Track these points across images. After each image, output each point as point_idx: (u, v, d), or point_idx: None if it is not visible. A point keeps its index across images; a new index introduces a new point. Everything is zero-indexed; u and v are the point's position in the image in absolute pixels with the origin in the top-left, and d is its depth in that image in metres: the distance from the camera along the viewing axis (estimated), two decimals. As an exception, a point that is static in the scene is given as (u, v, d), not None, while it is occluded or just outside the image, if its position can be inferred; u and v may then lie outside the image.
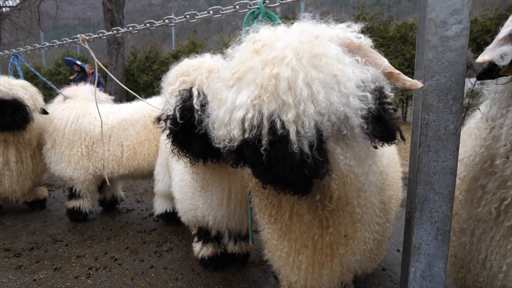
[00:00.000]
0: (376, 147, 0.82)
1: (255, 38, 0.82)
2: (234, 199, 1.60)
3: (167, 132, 1.28)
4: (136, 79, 11.62)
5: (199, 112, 1.15)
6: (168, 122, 1.24)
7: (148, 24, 1.68)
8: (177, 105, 1.20)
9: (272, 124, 0.71)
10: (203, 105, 1.15)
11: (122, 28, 1.79)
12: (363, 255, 1.09)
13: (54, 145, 2.35)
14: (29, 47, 2.20)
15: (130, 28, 1.73)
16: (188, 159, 1.40)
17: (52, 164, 2.38)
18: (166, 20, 1.60)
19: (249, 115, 0.72)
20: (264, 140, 0.71)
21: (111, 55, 10.96)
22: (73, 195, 2.55)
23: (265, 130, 0.71)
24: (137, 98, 2.14)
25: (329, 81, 0.71)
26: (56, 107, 2.50)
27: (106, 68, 11.11)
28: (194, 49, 10.81)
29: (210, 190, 1.58)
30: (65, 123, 2.36)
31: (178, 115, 1.18)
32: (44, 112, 2.39)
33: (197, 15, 1.49)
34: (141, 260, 2.08)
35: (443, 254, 0.92)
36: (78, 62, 8.98)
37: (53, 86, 2.67)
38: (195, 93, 1.20)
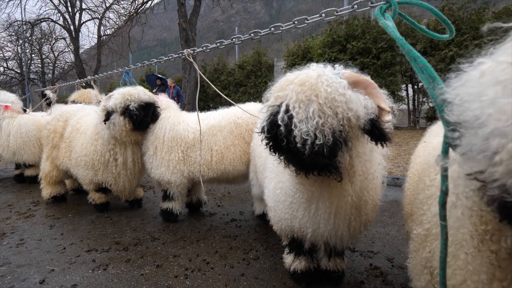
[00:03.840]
0: None
1: None
2: (343, 215, 1.45)
3: (264, 143, 1.28)
4: (205, 89, 12.53)
5: (281, 128, 1.15)
6: (262, 134, 1.27)
7: (260, 31, 1.70)
8: (266, 120, 1.23)
9: None
10: (290, 121, 1.14)
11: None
12: None
13: (156, 151, 2.59)
14: (139, 64, 2.50)
15: (235, 39, 1.78)
16: (293, 169, 1.32)
17: (153, 169, 2.63)
18: (272, 28, 1.58)
19: None
20: None
21: (185, 69, 12.05)
22: (166, 197, 2.76)
23: None
24: (233, 104, 2.21)
25: None
26: None
27: (181, 81, 12.29)
28: (258, 58, 11.12)
29: (315, 203, 1.47)
30: (164, 131, 2.60)
31: (265, 129, 1.21)
32: None
33: (307, 20, 1.43)
34: (231, 266, 2.09)
35: None
36: (160, 76, 10.14)
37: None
38: (282, 108, 1.18)
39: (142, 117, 2.54)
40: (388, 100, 1.30)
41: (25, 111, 4.42)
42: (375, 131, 1.22)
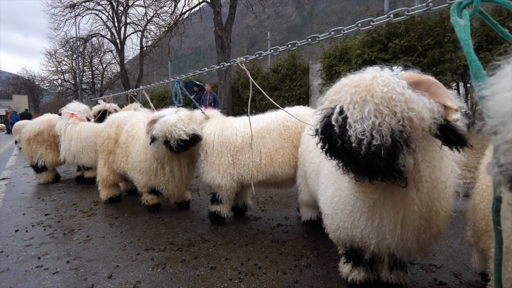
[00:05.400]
0: None
1: None
2: (411, 226, 1.36)
3: (319, 146, 1.27)
4: (240, 94, 12.77)
5: (335, 128, 1.14)
6: (316, 137, 1.26)
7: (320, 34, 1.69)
8: (320, 122, 1.24)
9: None
10: (344, 121, 1.12)
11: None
12: None
13: (206, 156, 2.69)
14: (191, 73, 2.63)
15: (290, 45, 1.79)
16: (353, 175, 1.28)
17: (204, 173, 2.72)
18: (332, 32, 1.56)
19: None
20: None
21: (220, 75, 12.43)
22: (215, 200, 2.84)
23: None
24: (279, 108, 2.21)
25: None
26: (205, 125, 2.89)
27: (217, 87, 12.66)
28: (293, 61, 11.05)
29: (379, 212, 1.40)
30: (213, 136, 2.69)
31: (319, 130, 1.22)
32: None
33: (373, 22, 1.38)
34: (284, 273, 2.07)
35: None
36: (198, 83, 10.56)
37: (200, 107, 3.10)
38: (336, 110, 1.17)
39: (182, 150, 2.66)
40: (456, 99, 1.21)
41: (89, 120, 4.89)
42: (449, 135, 1.14)
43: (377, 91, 1.12)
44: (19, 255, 2.41)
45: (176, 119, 2.61)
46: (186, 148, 2.63)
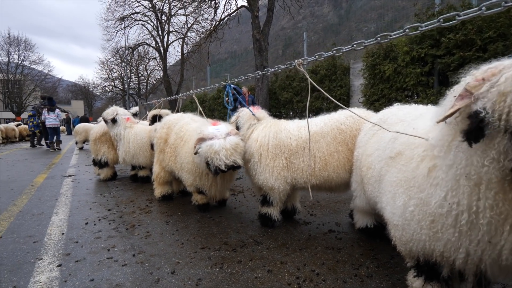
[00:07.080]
0: None
1: None
2: None
3: None
4: (277, 97, 12.75)
5: None
6: None
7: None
8: None
9: None
10: None
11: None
12: None
13: (261, 158, 2.72)
14: (243, 77, 2.69)
15: (355, 45, 1.74)
16: None
17: (257, 175, 2.75)
18: (406, 30, 1.47)
19: None
20: None
21: (257, 78, 12.55)
22: (266, 202, 2.85)
23: None
24: (343, 108, 2.14)
25: None
26: (257, 127, 2.93)
27: (254, 89, 12.81)
28: (333, 61, 10.72)
29: (493, 224, 1.25)
30: (268, 139, 2.71)
31: None
32: None
33: (459, 16, 1.27)
34: (344, 281, 1.99)
35: None
36: (233, 86, 10.79)
37: (251, 111, 3.14)
38: None
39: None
40: None
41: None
42: None
43: None
44: (91, 246, 2.66)
45: (220, 147, 2.62)
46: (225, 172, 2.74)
